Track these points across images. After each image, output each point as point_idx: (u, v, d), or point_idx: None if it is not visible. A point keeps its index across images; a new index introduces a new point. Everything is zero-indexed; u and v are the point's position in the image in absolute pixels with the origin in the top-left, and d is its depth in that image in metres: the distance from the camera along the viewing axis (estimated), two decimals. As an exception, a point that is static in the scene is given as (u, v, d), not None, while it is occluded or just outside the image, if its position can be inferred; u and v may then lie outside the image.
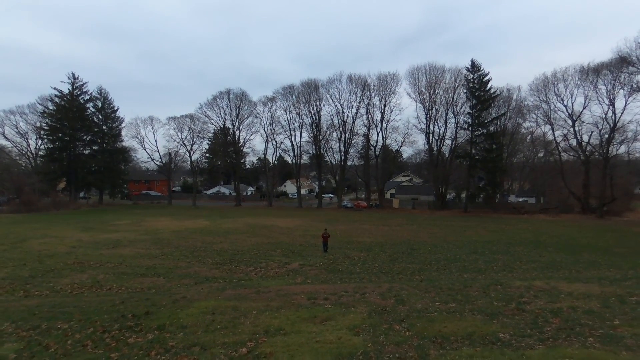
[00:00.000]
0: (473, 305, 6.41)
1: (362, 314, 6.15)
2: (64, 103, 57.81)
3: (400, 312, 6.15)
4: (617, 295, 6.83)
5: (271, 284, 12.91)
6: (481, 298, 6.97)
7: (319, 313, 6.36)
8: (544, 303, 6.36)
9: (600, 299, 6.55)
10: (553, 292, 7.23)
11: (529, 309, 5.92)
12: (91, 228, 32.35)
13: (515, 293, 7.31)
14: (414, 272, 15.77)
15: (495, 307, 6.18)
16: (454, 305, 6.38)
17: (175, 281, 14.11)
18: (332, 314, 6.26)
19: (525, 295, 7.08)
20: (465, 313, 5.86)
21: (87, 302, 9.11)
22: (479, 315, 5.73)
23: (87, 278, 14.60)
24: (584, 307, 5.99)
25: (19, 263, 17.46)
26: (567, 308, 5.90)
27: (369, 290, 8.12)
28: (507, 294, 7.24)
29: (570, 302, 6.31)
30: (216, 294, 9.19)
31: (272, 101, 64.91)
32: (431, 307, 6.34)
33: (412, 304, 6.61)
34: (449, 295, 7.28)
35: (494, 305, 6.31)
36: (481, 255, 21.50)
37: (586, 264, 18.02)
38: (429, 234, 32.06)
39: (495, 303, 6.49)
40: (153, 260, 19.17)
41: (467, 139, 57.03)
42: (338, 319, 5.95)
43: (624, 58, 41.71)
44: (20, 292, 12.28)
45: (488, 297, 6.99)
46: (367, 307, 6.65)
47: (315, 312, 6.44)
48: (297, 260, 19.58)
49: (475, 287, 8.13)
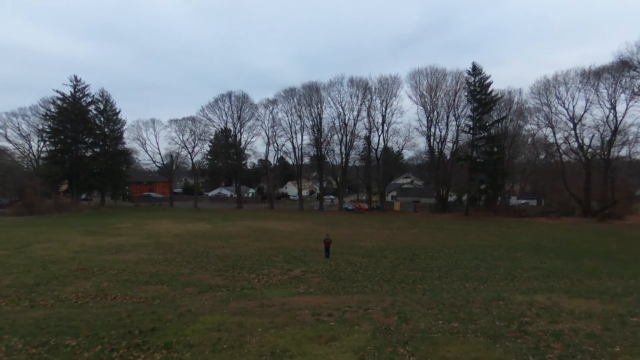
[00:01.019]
0: (476, 325, 6.51)
1: (366, 333, 6.25)
2: (66, 105, 58.08)
3: (404, 332, 6.24)
4: (618, 316, 6.92)
5: (274, 293, 13.02)
6: (483, 316, 7.06)
7: (323, 332, 6.46)
8: (546, 323, 6.45)
9: (601, 320, 6.64)
10: (554, 310, 7.32)
11: (531, 331, 6.02)
12: (94, 232, 32.51)
13: (517, 311, 7.41)
14: (416, 281, 15.86)
15: (497, 328, 6.27)
16: (456, 325, 6.47)
17: (179, 290, 14.22)
18: (337, 333, 6.36)
19: (527, 313, 7.17)
20: (468, 335, 5.96)
21: (93, 314, 9.21)
22: (482, 337, 5.83)
23: (92, 286, 14.72)
24: (586, 329, 6.09)
25: (23, 269, 17.60)
26: (569, 330, 5.99)
27: (372, 306, 8.22)
28: (509, 312, 7.34)
29: (572, 323, 6.40)
30: (221, 307, 9.30)
31: (274, 104, 65.14)
32: (434, 327, 6.43)
33: (415, 323, 6.70)
34: (452, 313, 7.37)
35: (496, 326, 6.40)
36: (483, 262, 21.59)
37: (587, 272, 18.10)
38: (430, 238, 32.16)
39: (498, 323, 6.59)
40: (156, 266, 19.30)
41: (468, 141, 57.08)
42: (343, 339, 6.06)
43: (625, 62, 41.75)
44: (25, 301, 12.41)
45: (490, 316, 7.09)
46: (371, 325, 6.75)
47: (320, 331, 6.54)
48: (299, 266, 19.70)
49: (478, 303, 8.23)
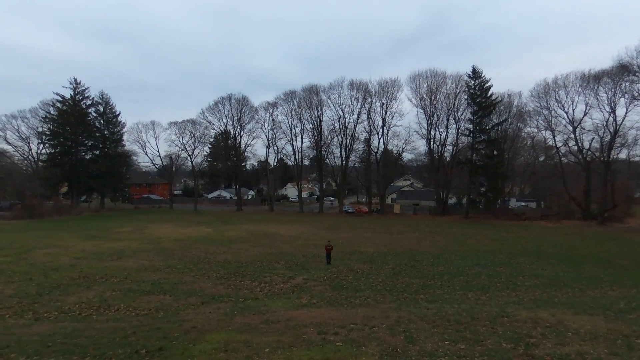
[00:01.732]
0: (482, 346, 6.53)
1: (373, 356, 6.28)
2: (65, 108, 58.09)
3: (411, 354, 6.27)
4: (623, 337, 6.96)
5: (277, 305, 13.04)
6: (489, 336, 7.09)
7: (330, 354, 6.48)
8: (552, 345, 6.48)
9: (607, 341, 6.68)
10: (560, 330, 7.35)
11: (538, 355, 6.04)
12: (94, 236, 32.50)
13: (523, 329, 7.44)
14: (418, 290, 15.91)
15: (504, 351, 6.30)
16: (463, 347, 6.50)
17: (181, 300, 14.23)
18: (344, 355, 6.39)
19: (533, 333, 7.20)
20: (475, 358, 5.98)
21: (98, 330, 9.21)
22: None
23: (94, 296, 14.72)
24: (592, 353, 6.12)
25: (25, 277, 17.61)
26: (576, 354, 6.02)
27: (378, 323, 8.25)
28: (514, 331, 7.37)
29: (578, 346, 6.43)
30: (226, 322, 9.31)
31: (274, 106, 65.20)
32: (441, 349, 6.46)
33: (422, 344, 6.73)
34: (457, 332, 7.40)
35: (503, 348, 6.43)
36: (484, 268, 21.65)
37: (588, 280, 18.16)
38: (431, 243, 32.21)
39: (504, 344, 6.62)
40: (158, 273, 19.32)
41: (468, 144, 57.19)
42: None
43: (625, 66, 41.89)
44: (29, 313, 12.39)
45: (496, 336, 7.12)
46: (378, 346, 6.78)
47: (326, 352, 6.56)
48: (300, 273, 19.73)
49: (482, 320, 8.26)
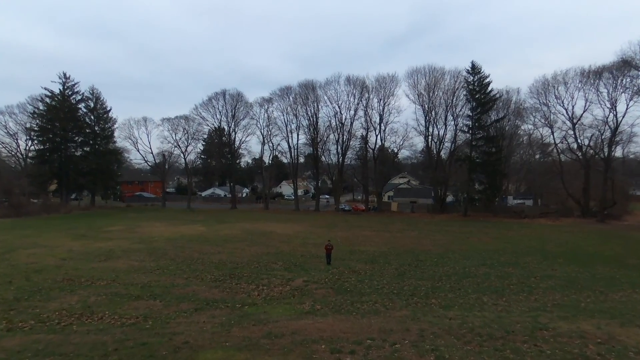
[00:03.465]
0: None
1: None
2: (54, 103, 56.22)
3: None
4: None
5: (278, 311, 11.95)
6: (536, 356, 5.99)
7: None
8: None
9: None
10: (616, 348, 6.28)
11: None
12: (83, 235, 31.12)
13: (572, 347, 6.32)
14: (427, 293, 14.90)
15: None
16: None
17: (173, 306, 13.07)
18: (364, 381, 5.34)
19: (587, 353, 6.05)
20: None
21: (75, 345, 8.07)
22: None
23: (77, 301, 13.50)
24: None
25: (4, 280, 16.34)
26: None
27: (398, 338, 7.19)
28: (563, 349, 6.26)
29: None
30: (222, 336, 8.23)
31: (269, 102, 63.74)
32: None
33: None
34: (496, 351, 6.30)
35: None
36: (491, 268, 20.76)
37: (606, 282, 17.33)
38: (432, 242, 31.32)
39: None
40: (148, 275, 18.12)
41: (466, 141, 56.35)
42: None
43: (627, 61, 41.28)
44: (2, 322, 11.15)
45: (544, 356, 6.04)
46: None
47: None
48: (300, 275, 18.65)
49: (519, 334, 7.19)
